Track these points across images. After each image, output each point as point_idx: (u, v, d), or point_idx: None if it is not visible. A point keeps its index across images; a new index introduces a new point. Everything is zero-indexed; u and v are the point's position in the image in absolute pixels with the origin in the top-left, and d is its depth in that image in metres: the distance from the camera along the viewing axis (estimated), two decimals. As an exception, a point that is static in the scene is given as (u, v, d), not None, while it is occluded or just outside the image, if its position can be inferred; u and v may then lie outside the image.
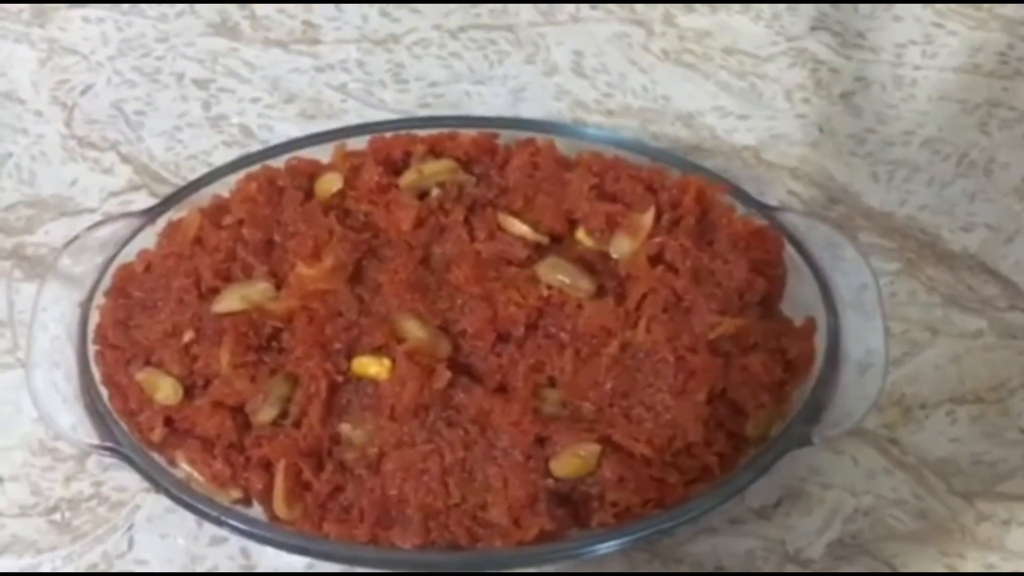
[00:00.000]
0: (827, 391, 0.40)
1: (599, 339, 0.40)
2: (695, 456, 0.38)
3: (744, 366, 0.40)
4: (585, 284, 0.41)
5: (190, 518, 0.42)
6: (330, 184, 0.44)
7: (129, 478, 0.43)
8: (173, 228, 0.44)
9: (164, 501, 0.42)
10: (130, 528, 0.42)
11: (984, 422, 0.44)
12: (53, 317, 0.42)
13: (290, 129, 0.52)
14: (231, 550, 0.42)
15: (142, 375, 0.40)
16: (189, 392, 0.40)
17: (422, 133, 0.45)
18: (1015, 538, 0.42)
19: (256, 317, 0.40)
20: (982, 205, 0.50)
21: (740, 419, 0.39)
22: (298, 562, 0.41)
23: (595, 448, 0.38)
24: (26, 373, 0.40)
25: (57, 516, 0.42)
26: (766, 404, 0.39)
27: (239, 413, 0.39)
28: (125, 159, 0.52)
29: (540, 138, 0.45)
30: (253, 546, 0.42)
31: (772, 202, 0.47)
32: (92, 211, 0.50)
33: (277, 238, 0.43)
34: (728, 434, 0.39)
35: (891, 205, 0.50)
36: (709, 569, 0.41)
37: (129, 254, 0.43)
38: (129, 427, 0.40)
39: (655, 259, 0.42)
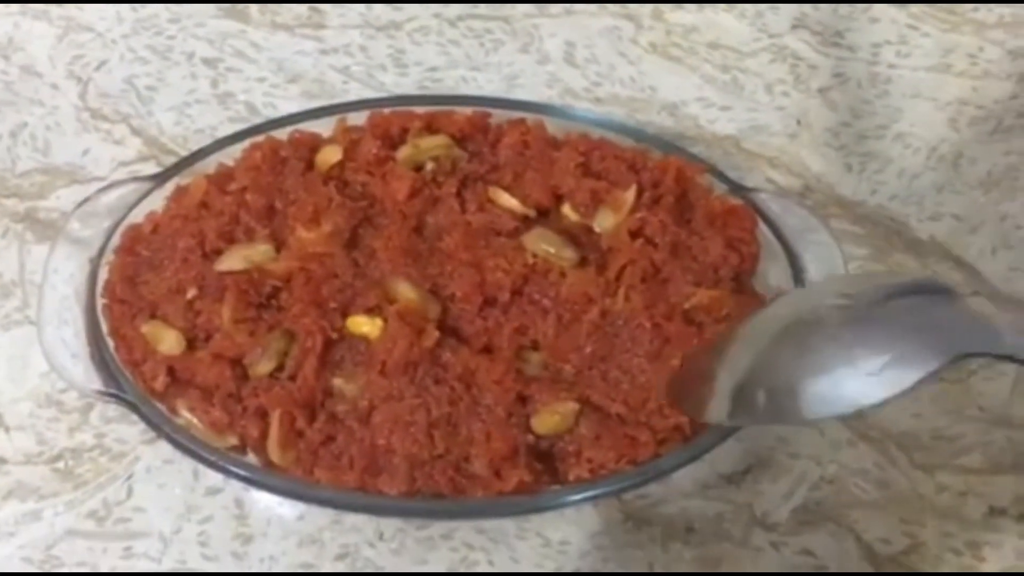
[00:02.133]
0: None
1: (580, 306, 0.42)
2: (666, 416, 0.40)
3: (716, 335, 0.42)
4: (569, 253, 0.43)
5: (187, 469, 0.44)
6: (330, 155, 0.46)
7: (130, 431, 0.45)
8: (180, 192, 0.46)
9: (163, 452, 0.44)
10: (129, 478, 0.44)
11: (945, 399, 0.46)
12: (62, 277, 0.43)
13: (293, 108, 0.53)
14: (225, 500, 0.43)
15: (147, 327, 0.42)
16: (191, 344, 0.42)
17: (419, 110, 0.47)
18: (972, 508, 0.44)
19: (256, 276, 0.42)
20: (949, 196, 0.52)
21: None
22: (289, 512, 0.43)
23: (573, 407, 0.40)
24: (38, 329, 0.42)
25: (60, 464, 0.44)
26: None
27: (238, 365, 0.41)
28: (136, 131, 0.54)
29: (531, 118, 0.47)
30: (247, 497, 0.43)
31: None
32: (102, 179, 0.52)
33: (278, 204, 0.45)
34: None
35: (863, 194, 0.52)
36: (680, 529, 0.43)
37: (137, 217, 0.45)
38: (133, 376, 0.41)
39: (635, 233, 0.44)
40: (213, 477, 0.43)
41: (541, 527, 0.43)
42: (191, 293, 0.42)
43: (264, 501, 0.43)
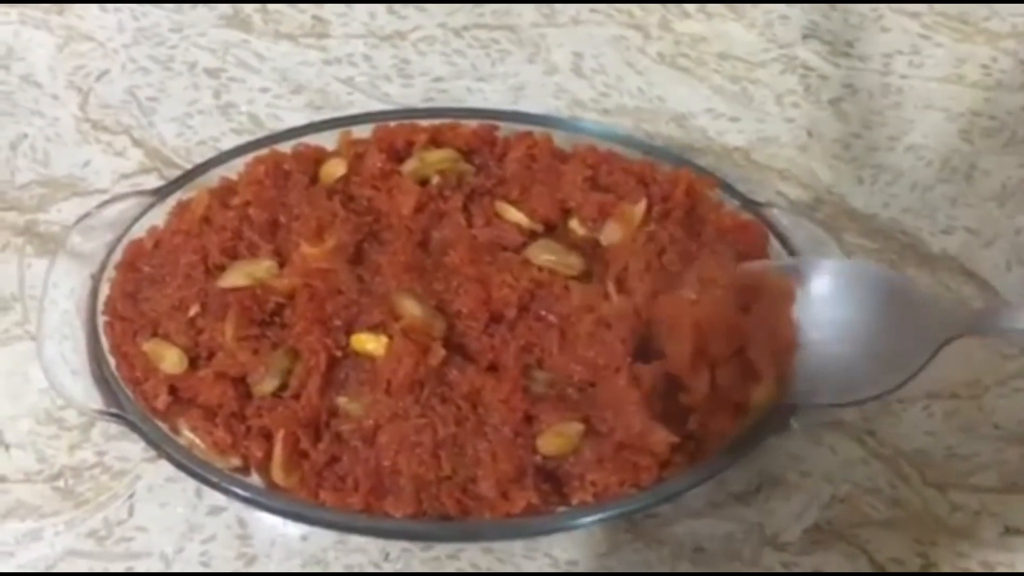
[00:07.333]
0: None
1: (579, 317, 0.41)
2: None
3: None
4: (573, 260, 0.42)
5: (190, 488, 0.43)
6: (334, 169, 0.45)
7: (131, 448, 0.44)
8: (182, 207, 0.45)
9: (165, 471, 0.43)
10: (131, 496, 0.43)
11: (959, 417, 0.46)
12: (63, 292, 0.43)
13: (297, 119, 0.53)
14: (228, 520, 0.43)
15: (149, 345, 0.41)
16: (193, 363, 0.41)
17: (425, 123, 0.46)
18: (986, 527, 0.43)
19: (260, 293, 0.42)
20: (963, 209, 0.52)
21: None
22: (293, 532, 0.43)
23: (578, 428, 0.39)
24: (37, 344, 0.42)
25: (61, 483, 0.43)
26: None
27: (241, 384, 0.41)
28: (137, 143, 0.53)
29: (538, 131, 0.46)
30: (250, 516, 0.43)
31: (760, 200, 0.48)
32: (103, 192, 0.51)
33: (282, 219, 0.44)
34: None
35: (875, 207, 0.52)
36: (689, 550, 0.42)
37: (138, 231, 0.45)
38: (135, 395, 0.41)
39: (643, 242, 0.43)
40: (216, 496, 0.42)
41: (549, 547, 0.42)
42: (193, 310, 0.42)
43: (268, 521, 0.43)
